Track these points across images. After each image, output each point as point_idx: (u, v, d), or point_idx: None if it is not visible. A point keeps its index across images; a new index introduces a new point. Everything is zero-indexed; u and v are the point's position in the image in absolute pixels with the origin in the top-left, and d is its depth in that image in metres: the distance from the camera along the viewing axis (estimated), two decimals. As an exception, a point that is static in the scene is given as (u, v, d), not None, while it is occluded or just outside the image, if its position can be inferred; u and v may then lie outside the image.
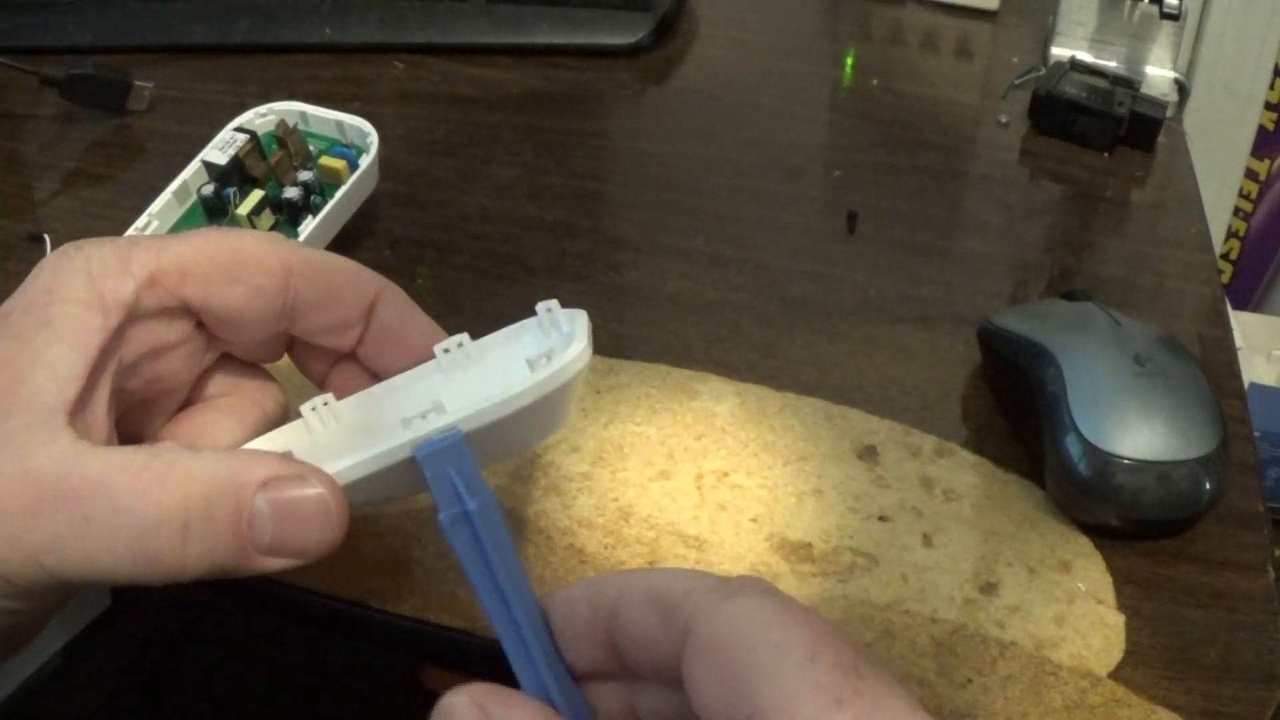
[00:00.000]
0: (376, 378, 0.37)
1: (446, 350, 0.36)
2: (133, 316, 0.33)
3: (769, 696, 0.23)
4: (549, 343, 0.35)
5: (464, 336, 0.36)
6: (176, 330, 0.35)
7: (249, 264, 0.34)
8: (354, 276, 0.36)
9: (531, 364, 0.34)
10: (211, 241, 0.35)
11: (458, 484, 0.29)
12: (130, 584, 0.30)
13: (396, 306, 0.36)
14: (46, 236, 0.51)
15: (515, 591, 0.29)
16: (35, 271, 0.33)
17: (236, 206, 0.49)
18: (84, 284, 0.32)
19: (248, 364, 0.38)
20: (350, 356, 0.37)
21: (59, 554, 0.30)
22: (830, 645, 0.24)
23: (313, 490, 0.31)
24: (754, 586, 0.26)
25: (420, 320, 0.37)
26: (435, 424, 0.31)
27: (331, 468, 0.31)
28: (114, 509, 0.30)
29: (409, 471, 0.31)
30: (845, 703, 0.23)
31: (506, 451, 0.35)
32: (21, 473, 0.30)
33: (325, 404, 0.36)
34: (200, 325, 0.35)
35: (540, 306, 0.36)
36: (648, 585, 0.27)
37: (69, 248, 0.33)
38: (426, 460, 0.30)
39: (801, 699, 0.23)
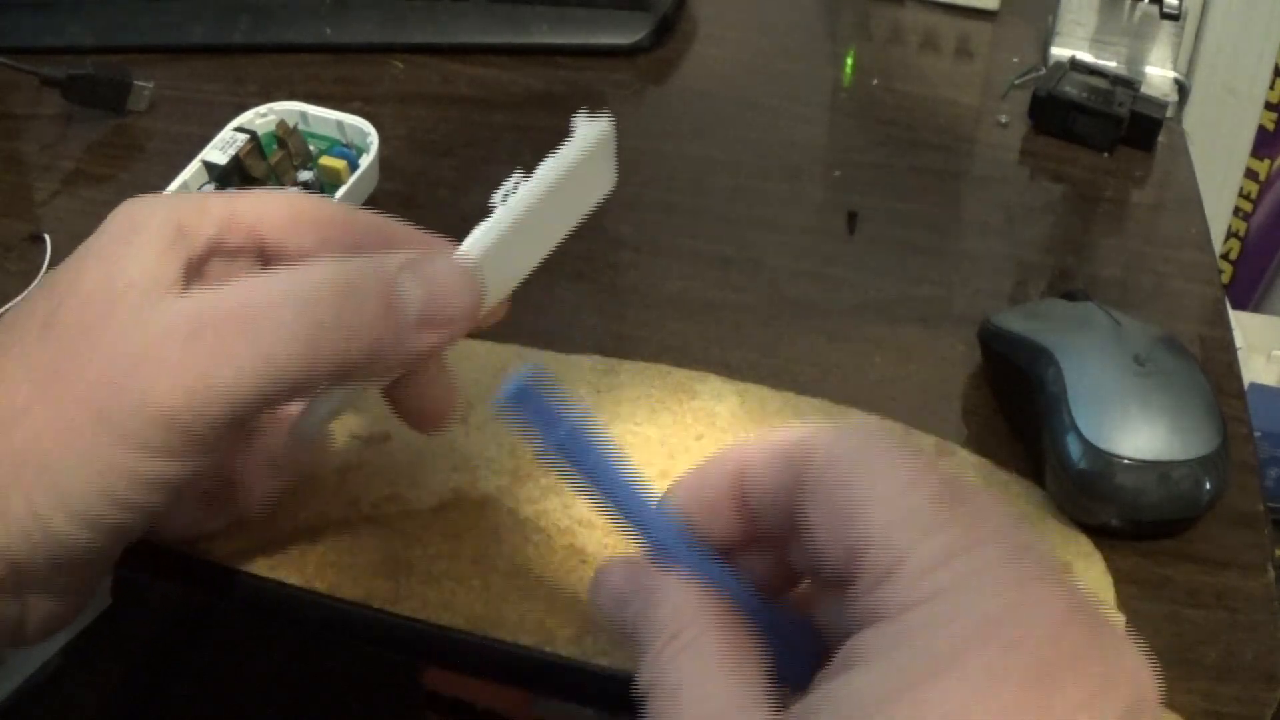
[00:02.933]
0: None
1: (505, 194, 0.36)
2: (214, 249, 0.34)
3: (870, 527, 0.25)
4: None
5: (518, 176, 0.36)
6: (248, 272, 0.35)
7: (316, 215, 0.35)
8: (408, 233, 0.36)
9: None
10: (277, 195, 0.36)
11: (543, 417, 0.30)
12: (295, 389, 0.31)
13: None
14: (46, 236, 0.51)
15: (636, 491, 0.30)
16: (110, 217, 0.34)
17: (236, 206, 0.49)
18: (166, 215, 0.33)
19: None
20: None
21: (236, 369, 0.30)
22: (927, 476, 0.25)
23: (447, 261, 0.32)
24: (864, 426, 0.27)
25: None
26: (520, 189, 0.33)
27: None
28: (273, 300, 0.30)
29: (525, 240, 0.34)
30: (938, 529, 0.24)
31: (577, 212, 0.36)
32: (172, 316, 0.30)
33: None
34: None
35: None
36: (771, 441, 0.28)
37: (140, 197, 0.34)
38: (512, 404, 0.30)
39: (898, 526, 0.25)
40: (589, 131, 0.35)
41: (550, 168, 0.34)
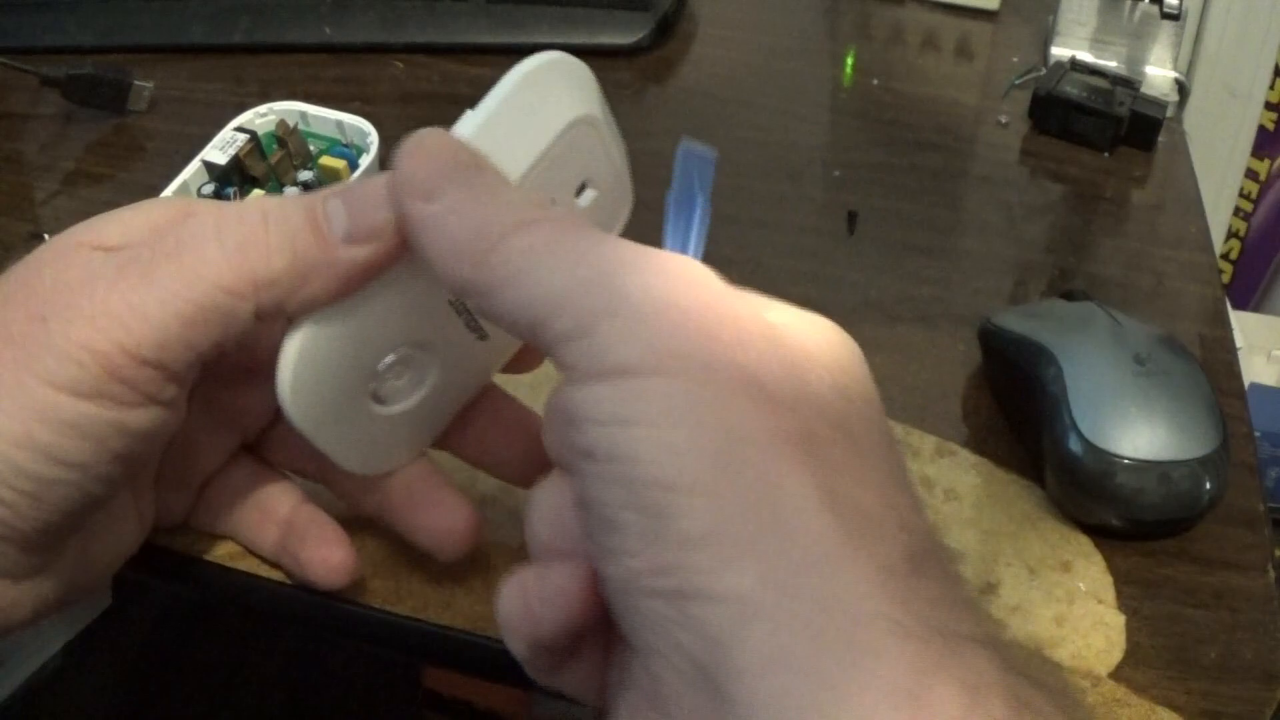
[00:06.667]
0: None
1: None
2: None
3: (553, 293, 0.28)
4: None
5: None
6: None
7: None
8: None
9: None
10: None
11: (695, 183, 0.35)
12: (226, 318, 0.31)
13: None
14: (46, 236, 0.51)
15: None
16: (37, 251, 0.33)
17: (236, 206, 0.49)
18: None
19: None
20: None
21: (161, 293, 0.30)
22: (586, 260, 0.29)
23: (373, 180, 0.32)
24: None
25: None
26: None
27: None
28: (201, 229, 0.31)
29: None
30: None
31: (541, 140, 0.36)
32: (104, 258, 0.31)
33: None
34: None
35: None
36: None
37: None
38: (684, 155, 0.35)
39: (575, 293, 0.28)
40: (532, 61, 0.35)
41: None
